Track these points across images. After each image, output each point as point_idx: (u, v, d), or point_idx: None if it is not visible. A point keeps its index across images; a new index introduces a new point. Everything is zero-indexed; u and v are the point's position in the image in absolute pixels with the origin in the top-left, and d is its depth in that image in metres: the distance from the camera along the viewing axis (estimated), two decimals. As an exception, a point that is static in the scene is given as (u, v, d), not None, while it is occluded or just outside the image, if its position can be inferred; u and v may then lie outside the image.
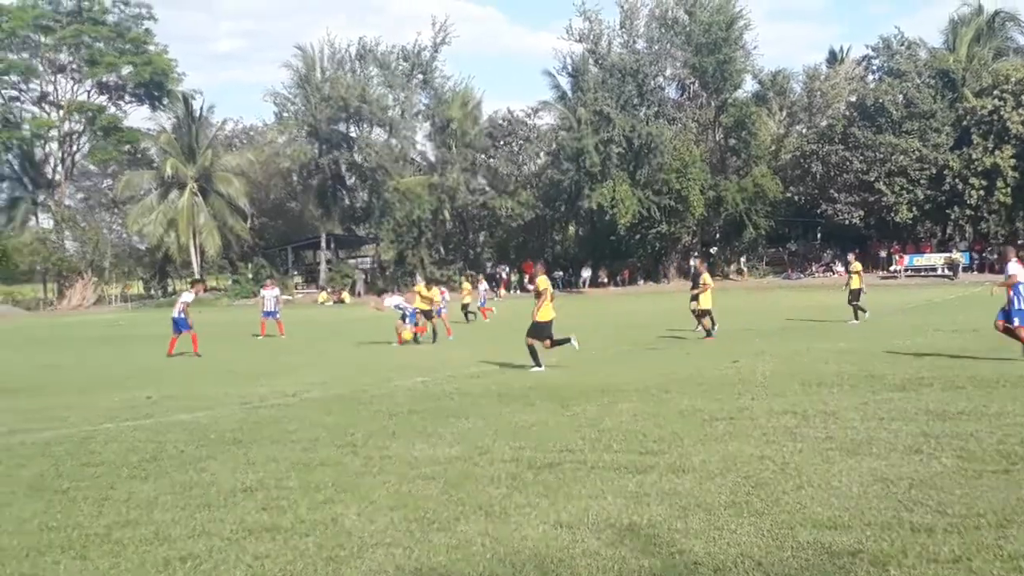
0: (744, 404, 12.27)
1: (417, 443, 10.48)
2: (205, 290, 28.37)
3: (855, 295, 28.53)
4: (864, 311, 28.29)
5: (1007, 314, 16.62)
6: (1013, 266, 16.81)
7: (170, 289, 79.65)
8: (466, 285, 38.27)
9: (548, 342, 18.30)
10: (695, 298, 24.94)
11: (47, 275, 78.48)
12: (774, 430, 10.32)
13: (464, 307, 36.12)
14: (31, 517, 7.88)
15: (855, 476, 8.13)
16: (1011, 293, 16.57)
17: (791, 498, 7.51)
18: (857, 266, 29.74)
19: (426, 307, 26.84)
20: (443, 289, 32.23)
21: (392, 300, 28.35)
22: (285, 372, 19.70)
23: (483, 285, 29.86)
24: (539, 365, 17.97)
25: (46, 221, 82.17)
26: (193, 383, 18.20)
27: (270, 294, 34.17)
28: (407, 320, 26.66)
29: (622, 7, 67.37)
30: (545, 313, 18.22)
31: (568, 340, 18.19)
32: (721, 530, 6.74)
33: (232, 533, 7.19)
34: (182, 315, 25.34)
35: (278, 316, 33.14)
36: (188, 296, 26.24)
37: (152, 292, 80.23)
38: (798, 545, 6.35)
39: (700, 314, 24.15)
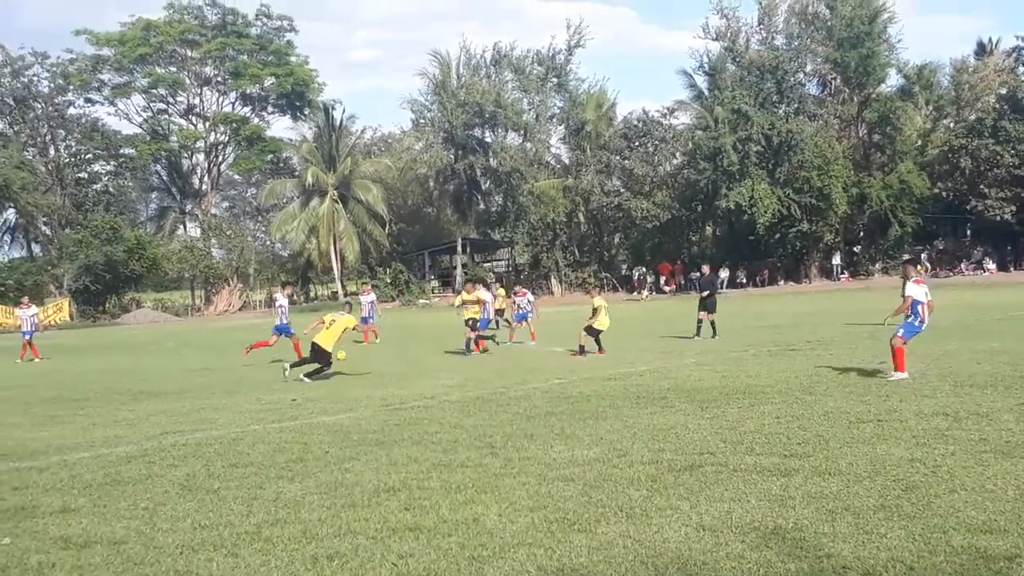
0: (892, 406, 11.94)
1: (555, 445, 10.50)
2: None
3: None
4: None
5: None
6: (911, 287, 15.81)
7: (312, 294, 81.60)
8: (500, 291, 36.54)
9: None
10: (704, 307, 25.53)
11: (195, 282, 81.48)
12: (924, 432, 10.02)
13: (499, 312, 33.90)
14: (184, 516, 8.16)
15: (1011, 479, 7.85)
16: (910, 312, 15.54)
17: (943, 502, 7.29)
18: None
19: (476, 313, 26.12)
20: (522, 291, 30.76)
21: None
22: (424, 375, 19.93)
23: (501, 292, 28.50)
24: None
25: (193, 229, 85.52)
26: (335, 386, 18.55)
27: (366, 300, 33.33)
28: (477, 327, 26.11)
29: (760, 3, 66.39)
30: None
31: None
32: (870, 534, 6.58)
33: (376, 532, 7.31)
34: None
35: (371, 321, 31.95)
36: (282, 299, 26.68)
37: (295, 298, 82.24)
38: (951, 550, 6.17)
39: (591, 331, 22.69)
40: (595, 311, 22.89)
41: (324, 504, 8.29)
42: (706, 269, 28.42)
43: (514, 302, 29.49)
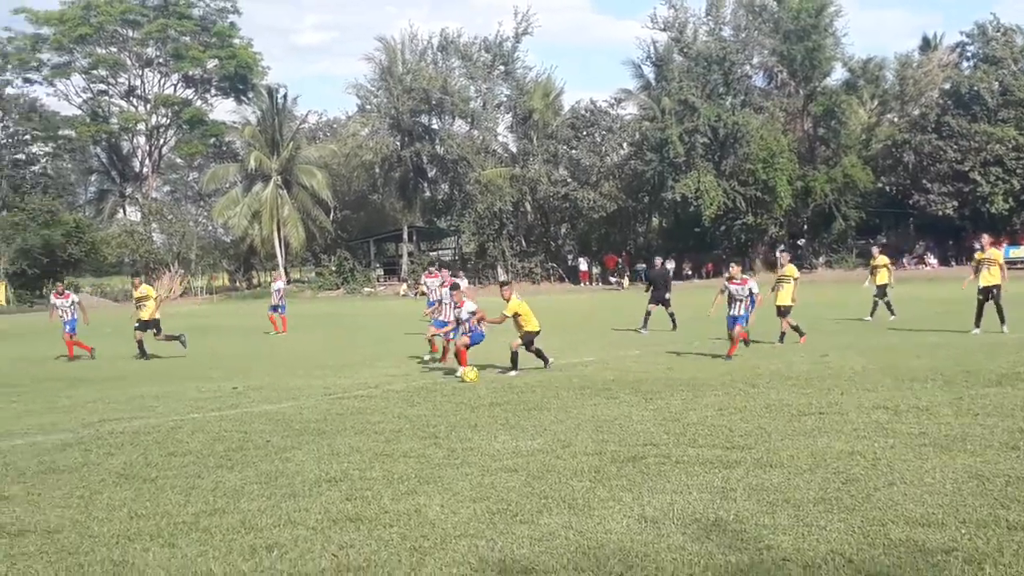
0: (834, 399, 12.04)
1: (499, 435, 10.47)
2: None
3: (881, 291, 26.27)
4: (892, 313, 25.90)
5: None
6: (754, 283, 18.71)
7: (255, 281, 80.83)
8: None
9: None
10: (655, 299, 25.88)
11: (134, 267, 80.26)
12: (865, 426, 10.11)
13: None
14: (120, 505, 8.02)
15: (949, 473, 7.93)
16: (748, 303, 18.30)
17: (883, 495, 7.34)
18: (882, 260, 27.21)
19: None
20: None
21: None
22: (368, 364, 19.83)
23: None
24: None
25: (133, 214, 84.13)
26: (277, 374, 18.40)
27: (276, 286, 32.23)
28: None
29: (708, -6, 66.66)
30: None
31: None
32: (810, 526, 6.61)
33: (317, 523, 7.24)
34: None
35: (282, 311, 30.94)
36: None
37: (237, 284, 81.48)
38: (890, 543, 6.21)
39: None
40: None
41: (264, 494, 8.19)
42: (659, 261, 28.38)
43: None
